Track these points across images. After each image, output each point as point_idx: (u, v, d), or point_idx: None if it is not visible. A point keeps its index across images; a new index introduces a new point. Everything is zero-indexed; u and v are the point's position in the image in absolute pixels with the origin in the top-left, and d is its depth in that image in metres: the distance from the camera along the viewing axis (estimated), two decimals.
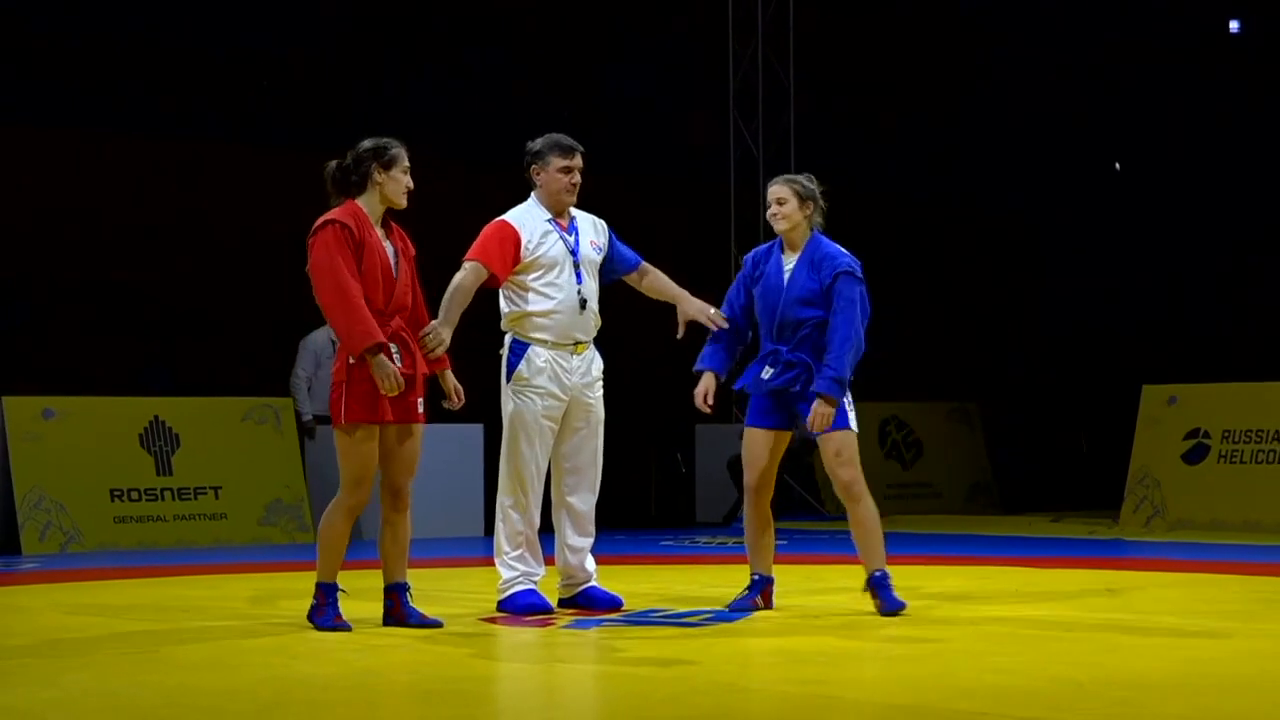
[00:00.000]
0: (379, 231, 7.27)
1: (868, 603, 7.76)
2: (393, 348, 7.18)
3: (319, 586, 7.28)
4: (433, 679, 6.04)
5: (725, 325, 7.81)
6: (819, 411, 7.54)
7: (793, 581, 9.38)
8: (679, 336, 7.93)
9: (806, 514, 16.03)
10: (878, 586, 7.65)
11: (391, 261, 7.25)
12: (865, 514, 7.69)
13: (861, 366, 7.69)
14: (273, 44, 15.70)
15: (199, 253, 15.20)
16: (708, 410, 7.85)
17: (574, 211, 8.00)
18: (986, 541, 13.06)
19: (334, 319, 7.11)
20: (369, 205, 7.26)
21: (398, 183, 7.27)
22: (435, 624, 7.32)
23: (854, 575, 10.06)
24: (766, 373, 7.67)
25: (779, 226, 7.76)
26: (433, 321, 7.45)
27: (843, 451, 7.63)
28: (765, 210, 7.90)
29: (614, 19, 17.50)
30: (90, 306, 14.73)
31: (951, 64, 19.36)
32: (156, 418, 13.27)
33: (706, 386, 7.78)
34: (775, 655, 6.50)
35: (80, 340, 14.60)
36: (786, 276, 7.70)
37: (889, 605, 7.59)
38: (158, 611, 8.42)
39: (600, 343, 7.97)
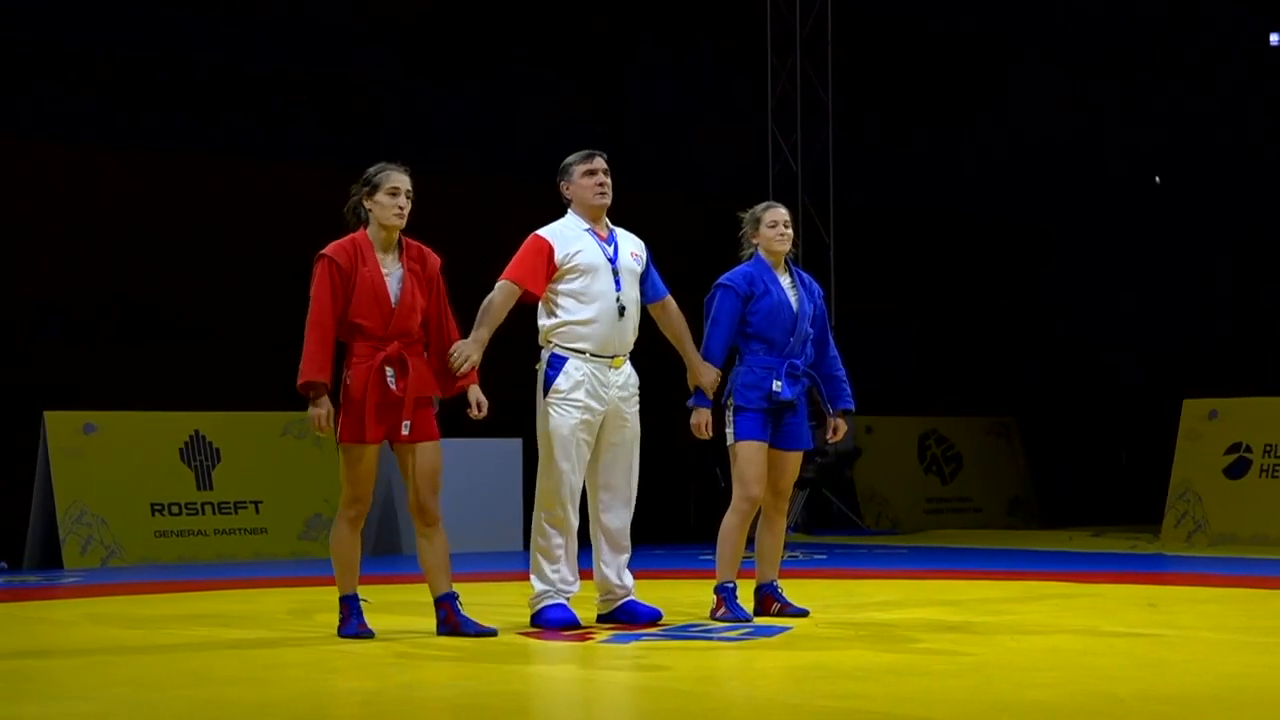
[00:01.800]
0: (385, 256, 7.46)
1: (904, 616, 7.75)
2: (388, 370, 7.38)
3: (341, 601, 7.50)
4: (471, 693, 6.04)
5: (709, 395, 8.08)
6: (845, 426, 8.24)
7: (832, 596, 9.37)
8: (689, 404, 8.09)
9: (846, 529, 16.01)
10: (777, 594, 8.23)
11: (394, 287, 7.41)
12: (784, 526, 8.32)
13: (901, 381, 7.90)
14: (308, 62, 15.77)
15: (240, 266, 15.27)
16: (708, 438, 8.05)
17: (614, 226, 8.02)
18: (1026, 556, 13.01)
19: (304, 347, 7.35)
20: (372, 233, 7.49)
21: (384, 206, 7.45)
22: (490, 632, 7.47)
23: (894, 589, 10.06)
24: (777, 385, 7.98)
25: (784, 246, 8.15)
26: (461, 340, 7.53)
27: (797, 468, 8.26)
28: (765, 229, 8.16)
29: (650, 35, 17.52)
30: (130, 321, 14.80)
31: (987, 77, 19.33)
32: (197, 432, 13.33)
33: (705, 419, 7.99)
34: (815, 670, 6.48)
35: (121, 355, 14.67)
36: (794, 296, 8.12)
37: (794, 611, 8.18)
38: (197, 625, 8.45)
39: (637, 355, 7.98)
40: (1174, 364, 18.35)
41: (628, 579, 7.96)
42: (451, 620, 7.49)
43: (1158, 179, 19.80)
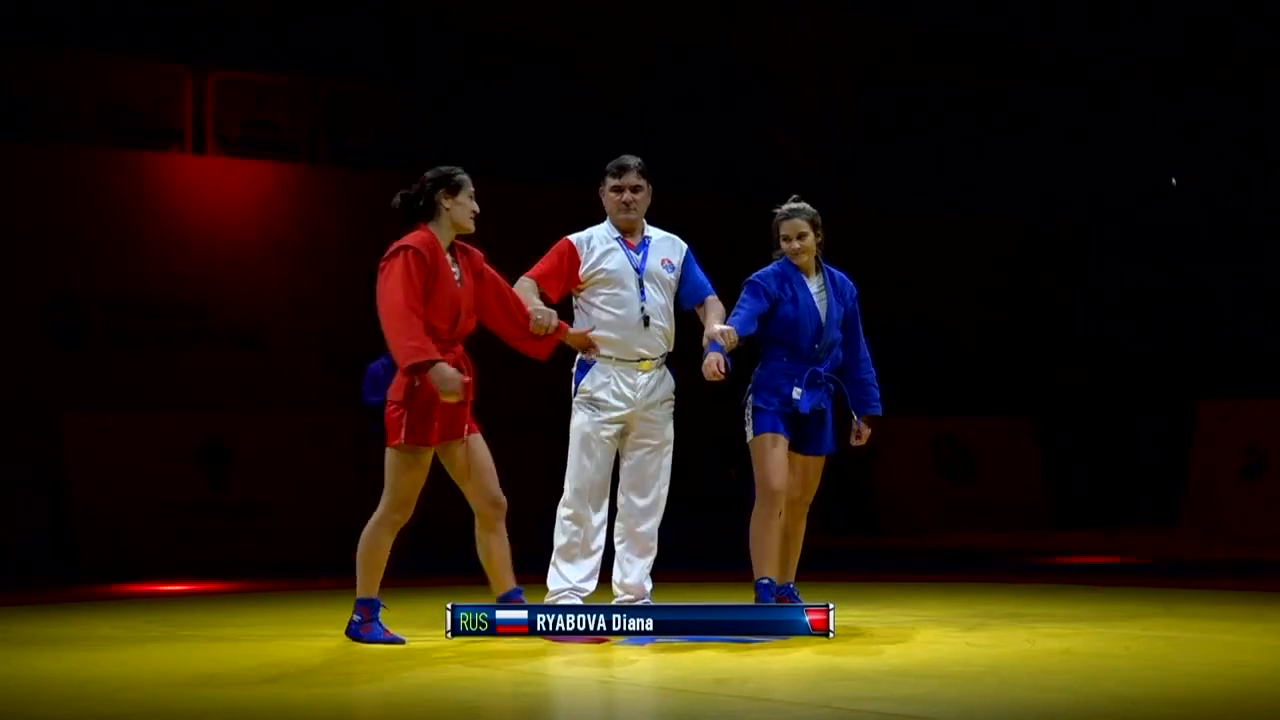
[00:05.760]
0: (448, 258, 7.39)
1: (918, 617, 7.76)
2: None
3: (360, 602, 7.41)
4: (486, 695, 6.05)
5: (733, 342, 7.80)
6: (869, 432, 8.10)
7: (846, 598, 9.36)
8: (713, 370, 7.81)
9: (860, 530, 15.98)
10: (793, 596, 8.08)
11: (459, 290, 7.37)
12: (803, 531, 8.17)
13: (915, 382, 7.82)
14: (323, 66, 15.83)
15: (258, 269, 15.28)
16: (720, 377, 7.67)
17: (652, 231, 8.09)
18: (1041, 558, 12.99)
19: (390, 337, 7.20)
20: (439, 231, 7.40)
21: (464, 207, 7.42)
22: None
23: (908, 591, 10.05)
24: (797, 392, 7.87)
25: (801, 259, 7.97)
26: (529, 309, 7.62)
27: (819, 473, 8.09)
28: (781, 242, 7.99)
29: (666, 35, 17.52)
30: (147, 323, 14.82)
31: (1004, 79, 19.31)
32: (212, 434, 13.35)
33: (716, 360, 7.63)
34: (830, 673, 6.48)
35: (136, 357, 14.69)
36: (822, 301, 7.97)
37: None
38: (211, 627, 8.47)
39: (677, 364, 8.03)
40: (1189, 365, 18.32)
41: (647, 583, 7.99)
42: None
43: (1174, 180, 19.78)
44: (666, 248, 8.09)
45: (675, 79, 17.58)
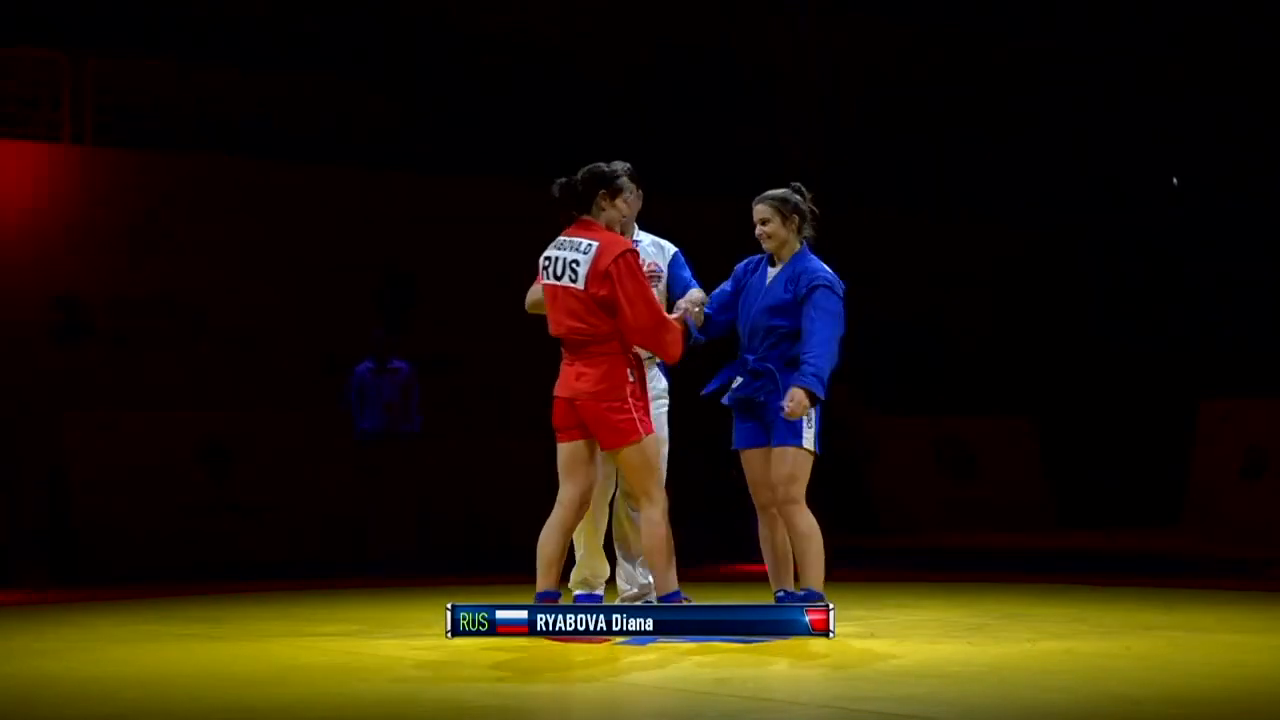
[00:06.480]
0: None
1: (919, 618, 7.76)
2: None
3: (674, 596, 7.43)
4: (489, 695, 6.05)
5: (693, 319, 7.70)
6: (796, 399, 7.38)
7: (847, 598, 9.35)
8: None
9: (861, 530, 15.97)
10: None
11: None
12: (809, 528, 7.66)
13: (915, 382, 7.70)
14: (325, 65, 15.85)
15: (259, 271, 15.28)
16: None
17: (641, 235, 8.07)
18: (1042, 558, 12.98)
19: (661, 334, 7.39)
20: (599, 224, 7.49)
21: (619, 211, 7.52)
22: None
23: (909, 591, 10.05)
24: (736, 382, 7.67)
25: (767, 246, 7.75)
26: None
27: (796, 471, 7.55)
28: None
29: (666, 35, 17.53)
30: (149, 323, 14.82)
31: (1004, 79, 19.32)
32: (214, 434, 13.34)
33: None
34: (830, 673, 6.48)
35: (137, 356, 14.70)
36: (766, 287, 7.70)
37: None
38: (215, 627, 8.46)
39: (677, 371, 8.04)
40: (1190, 365, 18.32)
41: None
42: None
43: (1175, 180, 19.78)
44: (653, 253, 8.07)
45: (675, 79, 17.59)
